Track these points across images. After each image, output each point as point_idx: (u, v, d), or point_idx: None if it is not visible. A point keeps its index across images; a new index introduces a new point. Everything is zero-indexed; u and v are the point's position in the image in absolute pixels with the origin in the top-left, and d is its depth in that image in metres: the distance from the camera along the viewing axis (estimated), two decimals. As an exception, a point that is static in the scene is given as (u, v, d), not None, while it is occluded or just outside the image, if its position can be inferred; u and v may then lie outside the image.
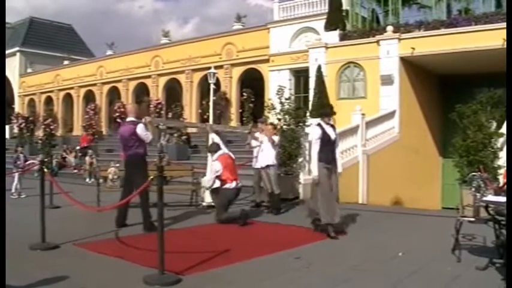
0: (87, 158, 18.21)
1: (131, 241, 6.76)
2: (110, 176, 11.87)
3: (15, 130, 29.55)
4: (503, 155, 9.58)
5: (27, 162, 13.63)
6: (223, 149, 9.08)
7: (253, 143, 10.38)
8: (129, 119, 8.05)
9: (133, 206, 7.82)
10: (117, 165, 12.42)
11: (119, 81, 30.54)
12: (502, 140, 10.14)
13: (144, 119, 8.65)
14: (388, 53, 17.44)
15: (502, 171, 8.40)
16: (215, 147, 9.01)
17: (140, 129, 7.73)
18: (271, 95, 16.87)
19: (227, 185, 8.45)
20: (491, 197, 5.46)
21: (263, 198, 10.48)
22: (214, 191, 8.76)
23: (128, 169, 7.94)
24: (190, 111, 25.30)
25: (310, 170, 7.71)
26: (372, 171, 14.80)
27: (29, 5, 71.29)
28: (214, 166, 8.61)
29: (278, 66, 22.53)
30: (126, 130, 7.92)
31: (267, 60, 23.03)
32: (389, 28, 17.70)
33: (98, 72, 32.08)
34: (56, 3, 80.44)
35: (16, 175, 12.60)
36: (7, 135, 33.05)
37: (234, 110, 24.36)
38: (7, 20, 36.58)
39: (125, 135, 7.85)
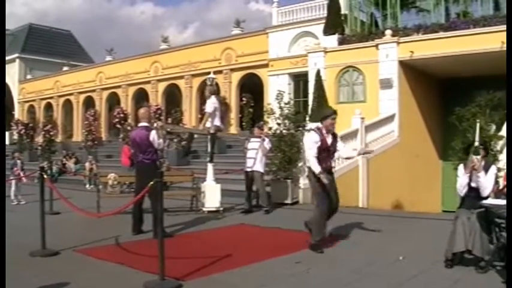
0: (87, 164, 18.19)
1: (132, 247, 6.76)
2: (110, 182, 11.86)
3: (15, 136, 29.54)
4: (503, 157, 9.60)
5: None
6: None
7: (249, 145, 10.66)
8: (141, 124, 8.01)
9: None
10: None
11: (119, 87, 30.56)
12: (501, 143, 10.16)
13: (156, 123, 8.65)
14: (387, 56, 17.48)
15: (502, 173, 8.39)
16: None
17: (153, 135, 7.72)
18: (270, 100, 16.89)
19: None
20: (491, 200, 5.46)
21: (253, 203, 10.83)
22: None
23: (140, 174, 7.86)
24: (189, 117, 25.30)
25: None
26: (371, 175, 14.80)
27: (30, 12, 71.59)
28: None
29: (277, 70, 22.56)
30: (138, 135, 7.88)
31: (266, 65, 23.08)
32: (388, 32, 17.74)
33: (98, 78, 32.12)
34: (58, 10, 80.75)
35: (13, 181, 12.60)
36: (7, 142, 33.03)
37: (233, 115, 24.37)
38: (7, 26, 36.72)
39: (138, 140, 7.85)
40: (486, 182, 5.60)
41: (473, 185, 5.66)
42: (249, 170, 10.56)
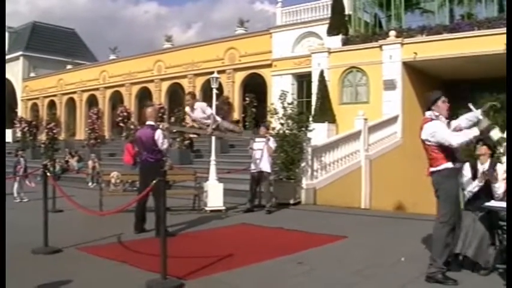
0: (90, 162, 18.22)
1: (134, 245, 6.77)
2: (113, 180, 11.87)
3: (18, 134, 29.62)
4: (505, 160, 9.55)
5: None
6: None
7: (255, 145, 10.62)
8: (148, 122, 7.98)
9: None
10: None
11: (122, 85, 30.62)
12: (504, 145, 10.10)
13: (161, 125, 8.64)
14: (390, 57, 17.44)
15: (505, 176, 8.36)
16: None
17: (159, 134, 7.74)
18: (273, 100, 16.87)
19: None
20: (493, 203, 5.45)
21: (256, 203, 10.90)
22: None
23: (144, 173, 7.86)
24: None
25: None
26: (374, 176, 14.79)
27: (35, 10, 71.72)
28: None
29: (281, 71, 22.57)
30: (144, 134, 7.90)
31: (270, 65, 23.09)
32: (392, 33, 17.70)
33: (101, 76, 32.18)
34: (63, 9, 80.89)
35: (16, 179, 12.63)
36: (10, 139, 33.09)
37: (236, 115, 24.38)
38: (11, 24, 36.84)
39: (143, 139, 7.86)
40: (501, 188, 5.59)
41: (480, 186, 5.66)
42: (255, 171, 10.55)
